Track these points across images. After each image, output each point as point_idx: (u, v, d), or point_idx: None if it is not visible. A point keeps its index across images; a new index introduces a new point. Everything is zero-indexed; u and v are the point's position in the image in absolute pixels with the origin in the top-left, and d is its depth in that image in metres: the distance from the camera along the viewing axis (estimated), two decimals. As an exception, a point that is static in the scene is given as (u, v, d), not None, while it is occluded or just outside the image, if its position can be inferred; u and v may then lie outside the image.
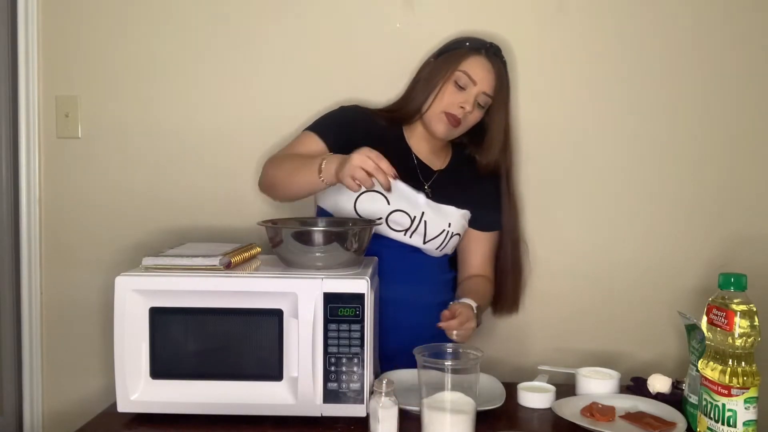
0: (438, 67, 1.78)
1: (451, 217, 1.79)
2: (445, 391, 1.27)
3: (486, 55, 1.77)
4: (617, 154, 2.01)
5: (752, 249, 1.99)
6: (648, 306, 2.01)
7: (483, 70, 1.75)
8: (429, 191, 1.79)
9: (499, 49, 1.81)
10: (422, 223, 1.75)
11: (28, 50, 2.03)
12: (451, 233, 1.79)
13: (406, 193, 1.74)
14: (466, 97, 1.73)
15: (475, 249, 1.87)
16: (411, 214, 1.74)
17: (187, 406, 1.40)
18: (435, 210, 1.77)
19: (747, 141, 2.00)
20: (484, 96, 1.75)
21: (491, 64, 1.76)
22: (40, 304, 2.08)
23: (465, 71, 1.74)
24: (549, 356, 1.93)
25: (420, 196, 1.76)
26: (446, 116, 1.74)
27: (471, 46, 1.77)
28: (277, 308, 1.40)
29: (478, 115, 1.78)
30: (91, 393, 2.04)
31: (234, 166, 2.03)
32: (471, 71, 1.74)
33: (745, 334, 1.21)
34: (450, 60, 1.76)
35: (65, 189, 2.07)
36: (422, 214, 1.75)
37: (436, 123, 1.76)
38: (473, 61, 1.75)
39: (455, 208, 1.80)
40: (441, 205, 1.79)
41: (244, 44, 2.02)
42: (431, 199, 1.78)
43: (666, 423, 1.37)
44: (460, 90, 1.74)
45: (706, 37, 1.98)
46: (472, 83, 1.73)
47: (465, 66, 1.74)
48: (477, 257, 1.87)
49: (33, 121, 2.05)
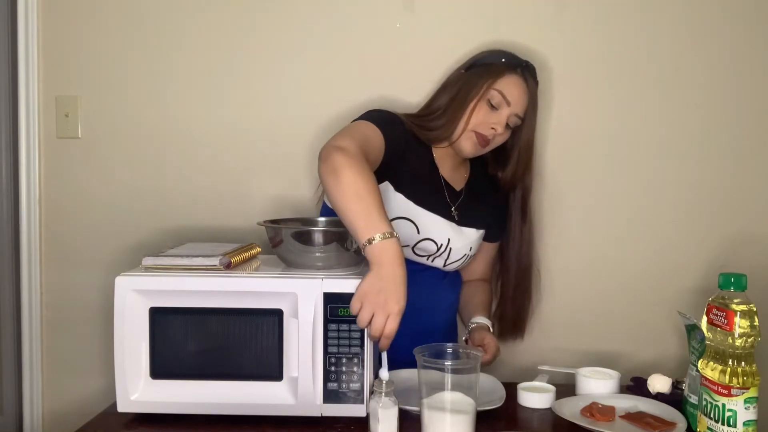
0: (471, 82, 1.68)
1: (472, 240, 1.77)
2: (445, 391, 1.27)
3: (522, 75, 1.69)
4: (617, 154, 2.01)
5: (752, 249, 1.99)
6: (648, 306, 2.01)
7: (518, 91, 1.67)
8: (456, 214, 1.74)
9: (534, 69, 1.75)
10: (448, 250, 1.72)
11: (28, 50, 2.03)
12: (470, 256, 1.79)
13: (433, 222, 1.70)
14: (499, 118, 1.66)
15: (482, 257, 1.88)
16: (438, 243, 1.70)
17: (187, 406, 1.40)
18: (459, 234, 1.73)
19: (747, 141, 2.00)
20: (516, 118, 1.68)
21: (526, 85, 1.69)
22: (40, 304, 2.09)
23: (500, 90, 1.65)
24: (549, 356, 1.93)
25: (449, 224, 1.72)
26: (476, 135, 1.67)
27: (507, 63, 1.69)
28: (277, 308, 1.40)
29: (506, 136, 1.71)
30: (91, 393, 2.04)
31: (234, 166, 2.03)
32: (506, 91, 1.66)
33: (745, 334, 1.22)
34: (484, 76, 1.67)
35: (65, 189, 2.07)
36: (448, 241, 1.71)
37: (465, 141, 1.68)
38: (509, 80, 1.67)
39: (475, 230, 1.78)
40: (465, 228, 1.75)
41: (244, 44, 2.02)
42: (457, 222, 1.74)
43: (666, 423, 1.37)
44: (492, 109, 1.66)
45: (706, 38, 1.98)
46: (506, 104, 1.66)
47: (500, 85, 1.66)
48: (482, 264, 1.90)
49: (33, 121, 2.05)
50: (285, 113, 2.01)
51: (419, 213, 1.67)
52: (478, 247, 1.81)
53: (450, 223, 1.73)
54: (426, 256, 1.72)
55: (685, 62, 1.99)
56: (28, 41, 2.03)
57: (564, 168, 2.01)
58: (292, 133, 1.99)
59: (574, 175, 2.01)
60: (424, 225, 1.68)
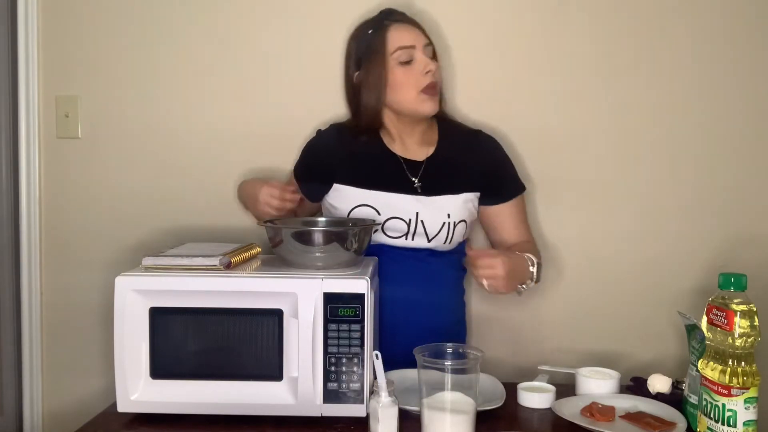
0: (371, 72, 1.70)
1: (448, 207, 1.73)
2: (445, 391, 1.27)
3: (392, 20, 1.72)
4: (617, 154, 2.01)
5: (752, 249, 1.99)
6: (648, 306, 2.01)
7: (407, 32, 1.70)
8: (419, 186, 1.73)
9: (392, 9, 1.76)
10: (419, 223, 1.72)
11: (28, 50, 2.03)
12: (453, 223, 1.72)
13: (394, 201, 1.71)
14: (422, 61, 1.68)
15: (504, 223, 1.80)
16: (405, 218, 1.71)
17: (187, 406, 1.40)
18: (429, 205, 1.72)
19: (747, 141, 2.00)
20: (428, 48, 1.71)
21: (405, 22, 1.72)
22: (40, 304, 2.09)
23: (397, 47, 1.68)
24: (549, 356, 1.93)
25: (407, 197, 1.72)
26: (424, 93, 1.68)
27: (375, 28, 1.71)
28: (277, 308, 1.40)
29: (438, 66, 1.74)
30: (91, 393, 2.04)
31: (234, 166, 2.03)
32: (402, 41, 1.68)
33: (745, 334, 1.21)
34: (375, 57, 1.69)
35: (65, 189, 2.07)
36: (417, 215, 1.71)
37: (420, 105, 1.69)
38: (393, 34, 1.69)
39: (451, 196, 1.73)
40: (434, 197, 1.73)
41: (245, 44, 2.02)
42: (422, 194, 1.72)
43: (666, 423, 1.37)
44: (409, 64, 1.68)
45: (707, 36, 1.98)
46: (412, 49, 1.68)
47: (393, 44, 1.68)
48: (509, 230, 1.80)
49: (33, 121, 2.05)
50: (285, 113, 2.01)
51: (376, 195, 1.71)
52: (467, 213, 1.75)
53: (416, 197, 1.72)
54: (401, 236, 1.71)
55: (685, 62, 1.99)
56: (28, 41, 2.03)
57: (563, 168, 2.01)
58: (292, 133, 1.98)
59: (574, 175, 2.01)
60: (384, 205, 1.70)
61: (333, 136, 1.80)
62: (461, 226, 1.75)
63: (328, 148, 1.79)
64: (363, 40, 1.74)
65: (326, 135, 1.82)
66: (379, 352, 1.32)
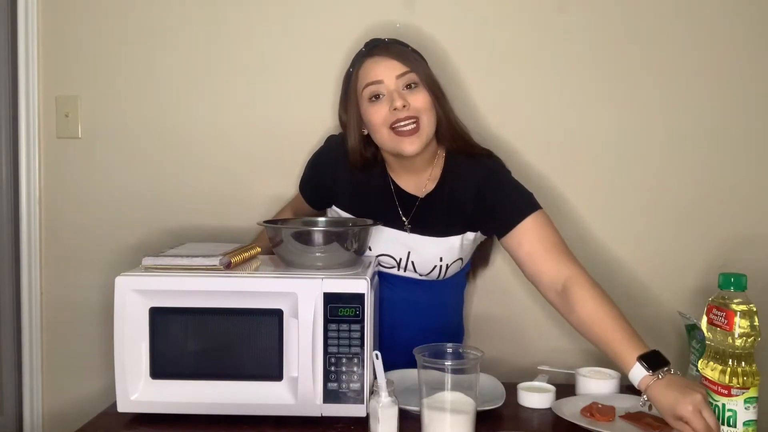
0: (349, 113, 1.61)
1: (440, 250, 1.62)
2: (445, 391, 1.27)
3: (369, 54, 1.58)
4: (617, 153, 2.01)
5: (752, 249, 1.99)
6: (648, 306, 2.01)
7: (378, 66, 1.55)
8: (409, 226, 1.64)
9: (377, 41, 1.63)
10: (410, 263, 1.64)
11: (28, 50, 2.03)
12: (446, 265, 1.63)
13: (386, 235, 1.64)
14: (390, 97, 1.53)
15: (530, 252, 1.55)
16: (396, 257, 1.64)
17: (187, 406, 1.40)
18: (421, 245, 1.62)
19: (747, 141, 2.00)
20: (400, 80, 1.54)
21: (380, 55, 1.56)
22: (40, 304, 2.08)
23: (363, 84, 1.56)
24: (549, 356, 1.93)
25: (401, 234, 1.64)
26: (393, 130, 1.53)
27: (352, 65, 1.62)
28: (277, 308, 1.40)
29: (424, 96, 1.54)
30: (91, 393, 2.04)
31: (234, 167, 2.03)
32: (367, 78, 1.55)
33: (745, 334, 1.22)
34: (350, 96, 1.60)
35: (65, 189, 2.07)
36: (408, 255, 1.64)
37: (397, 144, 1.54)
38: (363, 71, 1.57)
39: (444, 239, 1.62)
40: (427, 238, 1.62)
41: (245, 44, 2.02)
42: (414, 233, 1.63)
43: (666, 423, 1.37)
44: (377, 100, 1.55)
45: (706, 37, 1.98)
46: (379, 84, 1.54)
47: (362, 82, 1.57)
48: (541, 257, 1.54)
49: (33, 121, 2.05)
50: (285, 113, 2.01)
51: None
52: (463, 252, 1.65)
53: (409, 235, 1.63)
54: (393, 268, 1.66)
55: (685, 62, 1.99)
56: (28, 41, 2.03)
57: (563, 168, 2.01)
58: (292, 133, 1.98)
59: (574, 176, 2.01)
60: (377, 239, 1.63)
61: (339, 154, 1.68)
62: (456, 264, 1.67)
63: (331, 167, 1.70)
64: (345, 80, 1.66)
65: (333, 149, 1.71)
66: (379, 352, 1.32)
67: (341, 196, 1.71)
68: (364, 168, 1.66)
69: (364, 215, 1.66)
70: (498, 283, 2.01)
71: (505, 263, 1.98)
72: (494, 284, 2.01)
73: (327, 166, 1.72)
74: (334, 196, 1.73)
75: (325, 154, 1.74)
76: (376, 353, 1.32)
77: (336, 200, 1.73)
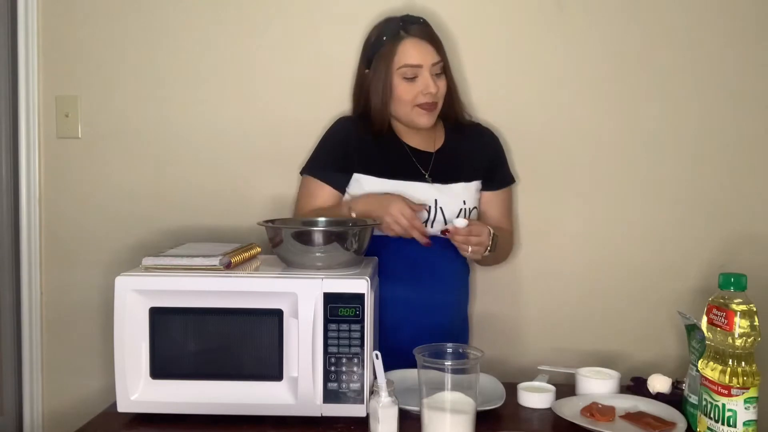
0: (378, 78, 1.73)
1: (464, 194, 1.78)
2: (445, 391, 1.27)
3: (408, 33, 1.72)
4: (617, 153, 2.01)
5: (752, 249, 1.99)
6: (648, 306, 2.01)
7: (417, 50, 1.71)
8: (430, 178, 1.77)
9: (413, 18, 1.76)
10: (438, 210, 1.74)
11: (28, 50, 2.03)
12: (468, 209, 1.78)
13: (413, 189, 1.74)
14: (424, 81, 1.71)
15: (490, 210, 1.86)
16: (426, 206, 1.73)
17: (187, 406, 1.40)
18: (446, 193, 1.76)
19: (747, 141, 2.00)
20: (435, 66, 1.72)
21: (419, 36, 1.72)
22: (40, 304, 2.09)
23: (404, 64, 1.70)
24: (549, 356, 1.93)
25: (425, 186, 1.75)
26: (420, 107, 1.73)
27: (390, 37, 1.72)
28: (277, 308, 1.40)
29: (444, 83, 1.76)
30: (91, 393, 2.04)
31: (234, 166, 2.03)
32: (409, 59, 1.70)
33: (745, 334, 1.21)
34: (383, 65, 1.72)
35: (65, 189, 2.07)
36: (435, 202, 1.74)
37: (417, 118, 1.74)
38: (403, 49, 1.70)
39: (464, 183, 1.79)
40: (450, 185, 1.78)
41: (244, 44, 2.02)
42: (436, 182, 1.77)
43: (666, 423, 1.37)
44: (412, 80, 1.71)
45: (706, 35, 1.98)
46: (417, 68, 1.70)
47: (400, 60, 1.70)
48: (496, 219, 1.85)
49: (33, 121, 2.05)
50: (285, 113, 2.01)
51: (396, 185, 1.74)
52: (475, 200, 1.81)
53: (433, 185, 1.76)
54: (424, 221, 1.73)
55: (685, 61, 1.99)
56: (28, 41, 2.03)
57: (564, 167, 2.01)
58: (292, 133, 1.98)
59: (574, 175, 2.01)
60: (405, 193, 1.72)
61: (348, 127, 1.82)
62: (474, 213, 1.80)
63: (347, 137, 1.80)
64: (378, 43, 1.75)
65: (342, 124, 1.83)
66: (379, 352, 1.32)
67: (362, 159, 1.77)
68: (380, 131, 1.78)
69: (387, 174, 1.75)
70: (498, 283, 2.02)
71: (505, 263, 1.97)
72: (494, 284, 2.01)
73: (343, 135, 1.81)
74: (357, 162, 1.77)
75: (337, 128, 1.83)
76: (376, 353, 1.32)
77: (359, 165, 1.76)
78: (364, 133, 1.79)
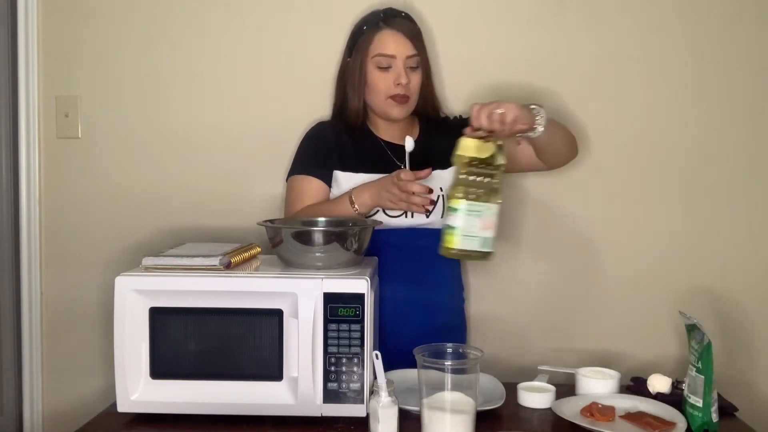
0: (354, 65, 1.76)
1: (440, 181, 1.73)
2: (445, 391, 1.27)
3: (387, 24, 1.74)
4: (616, 153, 2.01)
5: (752, 249, 1.99)
6: (648, 306, 2.01)
7: (393, 41, 1.73)
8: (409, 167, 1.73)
9: (395, 11, 1.78)
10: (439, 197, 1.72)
11: (28, 50, 2.03)
12: (444, 196, 1.74)
13: None
14: (396, 72, 1.72)
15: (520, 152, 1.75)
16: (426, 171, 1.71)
17: (187, 406, 1.40)
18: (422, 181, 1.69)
19: (748, 141, 2.00)
20: (410, 59, 1.73)
21: (397, 30, 1.74)
22: (40, 304, 2.08)
23: (379, 53, 1.72)
24: (549, 356, 1.93)
25: None
26: (392, 99, 1.73)
27: (369, 26, 1.75)
28: (277, 308, 1.40)
29: (418, 78, 1.76)
30: (91, 393, 2.04)
31: (234, 166, 2.04)
32: (384, 50, 1.72)
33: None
34: (359, 52, 1.75)
35: (65, 189, 2.07)
36: None
37: (389, 109, 1.75)
38: (380, 39, 1.73)
39: (441, 171, 1.73)
40: None
41: (244, 44, 2.02)
42: None
43: (666, 423, 1.37)
44: (385, 70, 1.73)
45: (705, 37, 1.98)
46: (392, 58, 1.72)
47: (375, 48, 1.73)
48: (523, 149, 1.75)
49: (33, 121, 2.05)
50: (285, 113, 2.01)
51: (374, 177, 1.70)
52: None
53: None
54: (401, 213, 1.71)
55: (688, 61, 1.99)
56: (28, 41, 2.03)
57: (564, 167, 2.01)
58: (292, 133, 1.98)
59: (574, 175, 2.01)
60: None
61: (325, 128, 1.84)
62: None
63: (324, 137, 1.82)
64: (359, 32, 1.78)
65: (319, 126, 1.86)
66: (379, 352, 1.32)
67: (340, 156, 1.77)
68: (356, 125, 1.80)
69: (364, 168, 1.75)
70: (498, 283, 2.02)
71: (505, 263, 1.98)
72: (494, 284, 2.01)
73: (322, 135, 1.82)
74: (335, 159, 1.77)
75: (315, 129, 1.85)
76: (376, 353, 1.32)
77: (337, 162, 1.77)
78: (341, 131, 1.80)
